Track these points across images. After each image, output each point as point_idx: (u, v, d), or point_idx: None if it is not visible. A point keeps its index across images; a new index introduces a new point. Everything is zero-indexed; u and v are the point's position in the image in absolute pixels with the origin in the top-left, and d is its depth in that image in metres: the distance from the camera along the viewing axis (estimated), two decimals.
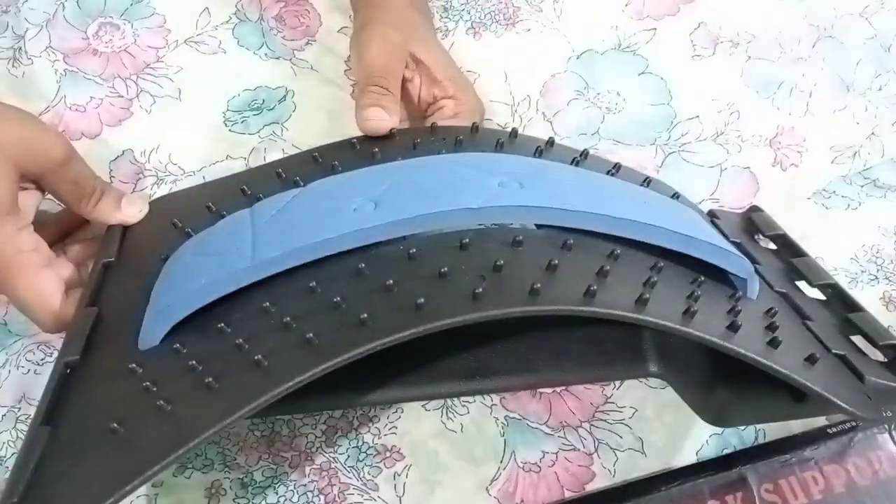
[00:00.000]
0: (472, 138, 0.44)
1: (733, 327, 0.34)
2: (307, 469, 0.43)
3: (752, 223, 0.48)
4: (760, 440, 0.44)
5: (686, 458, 0.44)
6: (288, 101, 0.54)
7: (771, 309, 0.37)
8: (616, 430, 0.45)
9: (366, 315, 0.31)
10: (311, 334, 0.31)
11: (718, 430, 0.45)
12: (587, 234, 0.35)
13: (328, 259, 0.34)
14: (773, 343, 0.34)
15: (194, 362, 0.32)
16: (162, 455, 0.29)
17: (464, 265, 0.32)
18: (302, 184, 0.40)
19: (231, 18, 0.58)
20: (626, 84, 0.57)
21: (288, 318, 0.32)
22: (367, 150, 0.43)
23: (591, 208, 0.35)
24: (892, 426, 0.43)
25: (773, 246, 0.47)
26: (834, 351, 0.37)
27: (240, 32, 0.57)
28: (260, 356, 0.31)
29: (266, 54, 0.56)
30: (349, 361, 0.30)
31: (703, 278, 0.36)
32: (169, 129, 0.53)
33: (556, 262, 0.32)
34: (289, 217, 0.37)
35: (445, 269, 0.32)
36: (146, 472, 0.28)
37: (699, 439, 0.45)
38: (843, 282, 0.49)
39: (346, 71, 0.56)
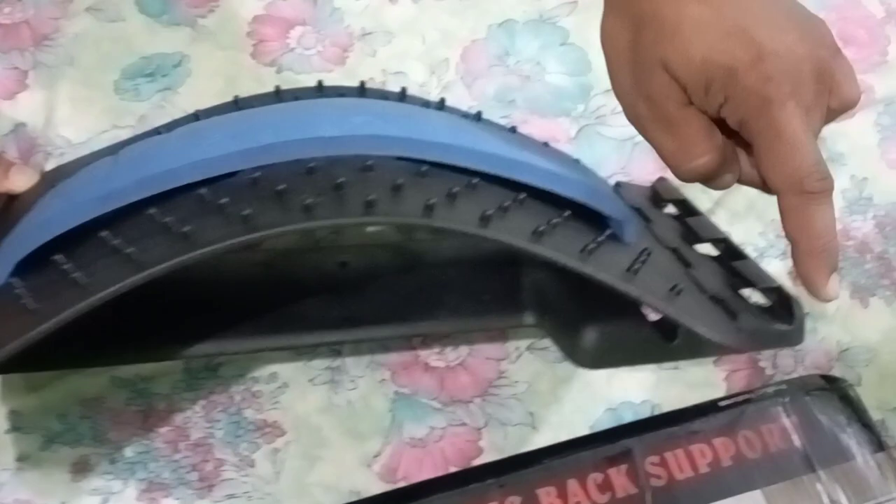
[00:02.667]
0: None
1: (587, 252, 0.33)
2: (181, 445, 0.41)
3: (657, 193, 0.47)
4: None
5: (578, 433, 0.42)
6: (183, 66, 0.52)
7: (645, 250, 0.36)
8: (508, 404, 0.44)
9: (189, 228, 0.30)
10: (132, 249, 0.30)
11: (613, 404, 0.44)
12: (447, 167, 0.34)
13: (177, 191, 0.33)
14: (633, 271, 0.34)
15: (24, 290, 0.31)
16: None
17: (305, 186, 0.31)
18: None
19: None
20: (547, 54, 0.56)
21: (118, 242, 0.31)
22: (247, 104, 0.42)
23: (450, 140, 0.34)
24: (787, 399, 0.42)
25: (675, 211, 0.46)
26: (710, 293, 0.37)
27: (143, 1, 0.55)
28: (80, 274, 0.30)
29: (166, 20, 0.54)
30: (167, 271, 0.29)
31: (568, 213, 0.35)
32: (60, 101, 0.51)
33: (402, 182, 0.31)
34: (144, 155, 0.35)
35: (283, 187, 0.31)
36: None
37: (593, 414, 0.44)
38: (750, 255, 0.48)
39: (249, 33, 0.54)
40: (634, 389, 0.44)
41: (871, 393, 0.44)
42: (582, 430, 0.43)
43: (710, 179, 0.35)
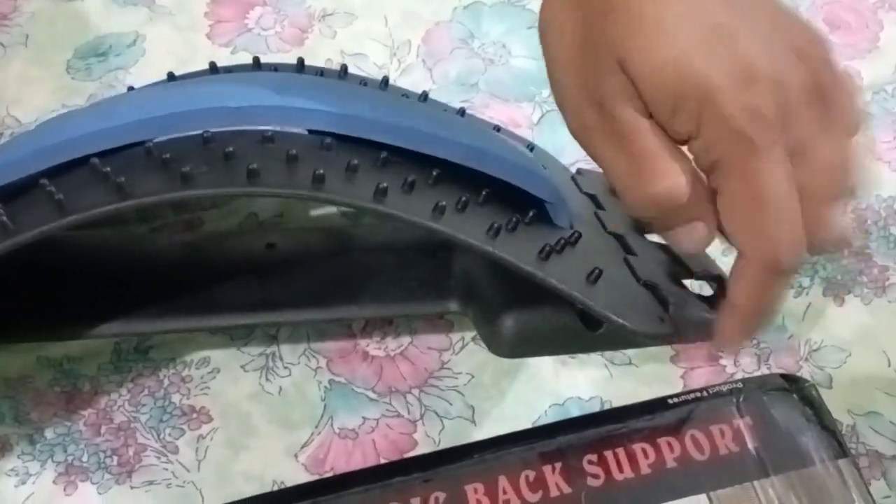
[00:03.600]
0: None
1: (494, 231, 0.31)
2: (103, 428, 0.40)
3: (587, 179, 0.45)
4: None
5: (520, 428, 0.40)
6: (137, 46, 0.51)
7: (574, 234, 0.33)
8: (447, 396, 0.41)
9: (61, 197, 0.28)
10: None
11: (559, 400, 0.42)
12: (361, 142, 0.32)
13: (74, 164, 0.31)
14: (544, 254, 0.32)
15: None
16: None
17: (195, 156, 0.29)
18: None
19: None
20: (513, 37, 0.54)
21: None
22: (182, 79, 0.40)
23: (363, 113, 0.32)
24: (740, 398, 0.39)
25: None
26: (644, 280, 0.35)
27: None
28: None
29: (123, 1, 0.53)
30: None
31: (486, 192, 0.33)
32: (12, 80, 0.50)
33: (296, 153, 0.29)
34: (52, 127, 0.34)
35: (168, 155, 0.29)
36: None
37: (537, 409, 0.41)
38: (715, 250, 0.45)
39: (206, 13, 0.53)
40: (584, 385, 0.42)
41: (842, 396, 0.41)
42: (525, 426, 0.40)
43: (673, 217, 0.28)
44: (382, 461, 0.39)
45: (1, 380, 0.41)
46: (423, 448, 0.40)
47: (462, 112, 0.43)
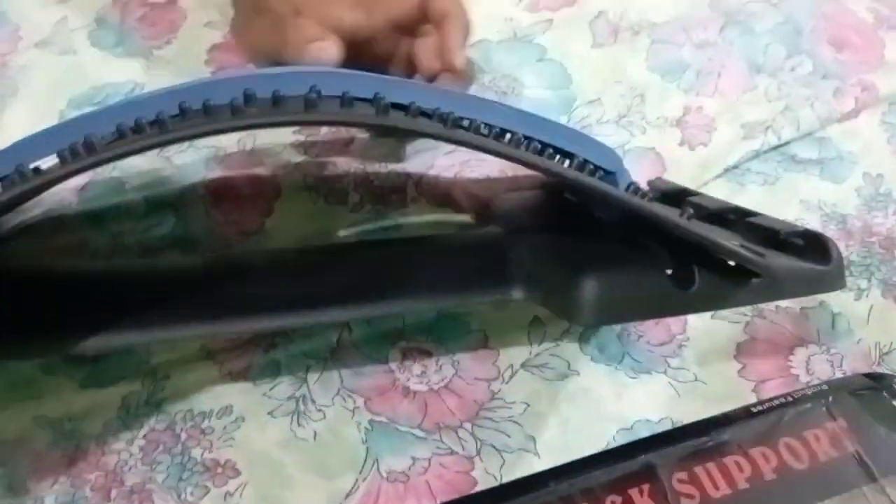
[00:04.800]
0: None
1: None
2: (113, 492, 0.35)
3: (653, 186, 0.43)
4: None
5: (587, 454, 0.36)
6: (135, 93, 0.49)
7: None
8: (503, 428, 0.37)
9: None
10: None
11: (627, 424, 0.38)
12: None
13: None
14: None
15: None
16: None
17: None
18: None
19: (90, 24, 0.53)
20: (524, 70, 0.52)
21: None
22: None
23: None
24: (831, 399, 0.35)
25: None
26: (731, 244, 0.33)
27: (96, 35, 0.52)
28: None
29: (121, 52, 0.51)
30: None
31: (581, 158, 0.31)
32: (2, 129, 0.47)
33: (352, 95, 0.27)
34: None
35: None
36: None
37: (604, 436, 0.37)
38: None
39: (207, 61, 0.51)
40: (649, 405, 0.38)
41: None
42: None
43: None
44: None
45: None
46: (484, 486, 0.35)
47: None
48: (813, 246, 0.34)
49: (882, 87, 0.51)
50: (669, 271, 0.34)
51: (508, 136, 0.29)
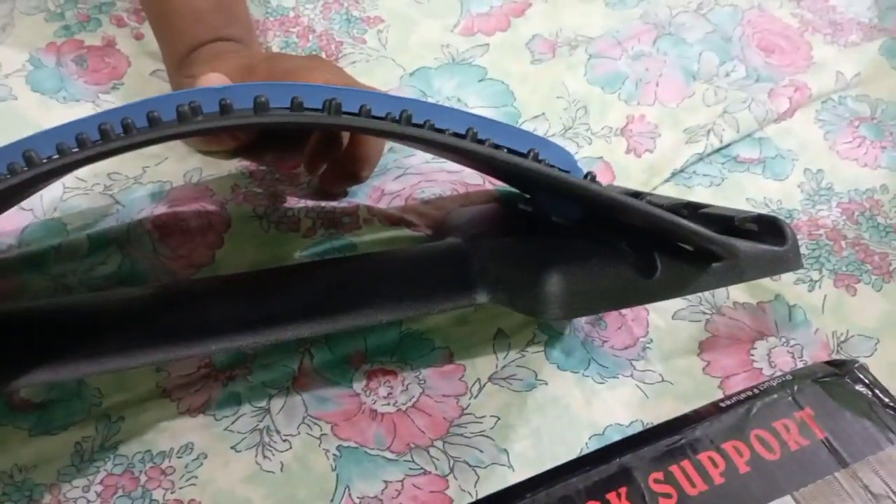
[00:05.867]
0: None
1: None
2: None
3: None
4: None
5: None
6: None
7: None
8: (475, 443, 0.37)
9: None
10: None
11: (598, 430, 0.37)
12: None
13: None
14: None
15: None
16: None
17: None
18: None
19: (24, 66, 0.52)
20: (467, 90, 0.53)
21: None
22: None
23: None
24: (796, 388, 0.36)
25: None
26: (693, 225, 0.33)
27: (34, 79, 0.51)
28: None
29: (64, 97, 0.49)
30: None
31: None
32: None
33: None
34: None
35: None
36: None
37: (577, 443, 0.37)
38: None
39: None
40: (619, 410, 0.38)
41: (884, 382, 0.38)
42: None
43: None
44: None
45: None
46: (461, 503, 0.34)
47: None
48: (768, 229, 0.35)
49: (813, 86, 0.53)
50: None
51: (468, 133, 0.29)
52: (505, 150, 0.30)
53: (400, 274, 0.36)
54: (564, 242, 0.35)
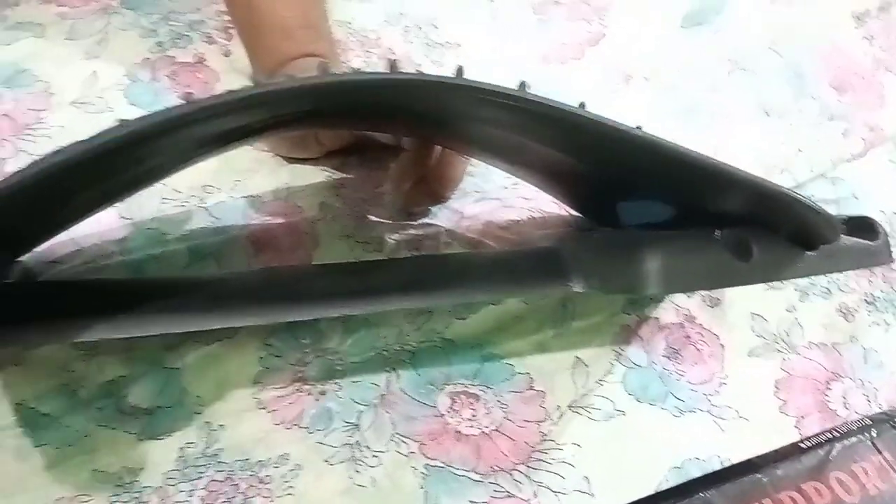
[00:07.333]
0: None
1: None
2: None
3: None
4: None
5: (641, 496, 0.37)
6: None
7: None
8: (557, 469, 0.38)
9: None
10: None
11: (677, 462, 0.39)
12: None
13: None
14: None
15: None
16: None
17: None
18: None
19: (122, 80, 0.54)
20: None
21: None
22: None
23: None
24: (875, 432, 0.37)
25: None
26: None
27: (131, 92, 0.53)
28: None
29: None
30: None
31: None
32: None
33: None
34: None
35: None
36: None
37: (656, 474, 0.38)
38: (792, 296, 0.45)
39: None
40: (696, 444, 0.39)
41: None
42: (646, 492, 0.37)
43: None
44: None
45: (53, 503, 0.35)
46: None
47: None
48: (859, 227, 0.37)
49: (887, 127, 0.54)
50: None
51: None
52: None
53: (494, 262, 0.38)
54: (659, 231, 0.37)
